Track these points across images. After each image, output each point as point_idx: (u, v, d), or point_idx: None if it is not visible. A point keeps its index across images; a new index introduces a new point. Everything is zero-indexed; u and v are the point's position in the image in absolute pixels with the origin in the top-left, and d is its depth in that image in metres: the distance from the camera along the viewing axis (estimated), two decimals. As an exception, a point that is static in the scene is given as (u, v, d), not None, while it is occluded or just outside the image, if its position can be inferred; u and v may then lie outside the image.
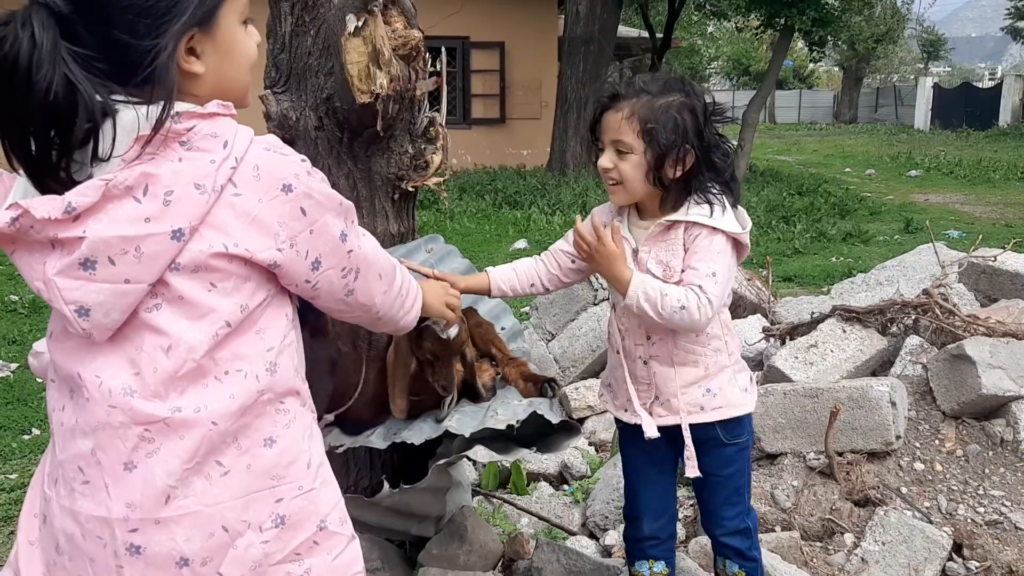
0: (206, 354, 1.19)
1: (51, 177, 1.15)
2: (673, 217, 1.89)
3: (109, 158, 1.14)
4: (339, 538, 1.33)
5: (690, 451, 1.96)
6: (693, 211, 1.88)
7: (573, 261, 2.09)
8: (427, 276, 1.95)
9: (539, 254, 2.16)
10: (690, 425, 1.96)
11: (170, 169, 1.15)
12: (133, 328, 1.19)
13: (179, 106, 1.17)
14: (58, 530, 1.25)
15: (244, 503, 1.23)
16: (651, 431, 1.97)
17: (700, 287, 1.82)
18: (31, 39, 1.10)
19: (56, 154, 1.14)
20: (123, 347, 1.19)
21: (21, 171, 1.17)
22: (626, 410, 2.05)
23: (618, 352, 2.05)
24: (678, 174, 1.88)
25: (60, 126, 1.13)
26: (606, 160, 1.92)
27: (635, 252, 1.95)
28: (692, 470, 1.96)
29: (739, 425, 2.02)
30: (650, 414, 2.00)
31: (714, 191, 1.89)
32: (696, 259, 1.86)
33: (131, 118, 1.14)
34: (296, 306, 1.36)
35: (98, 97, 1.13)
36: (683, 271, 1.87)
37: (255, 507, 1.24)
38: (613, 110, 1.90)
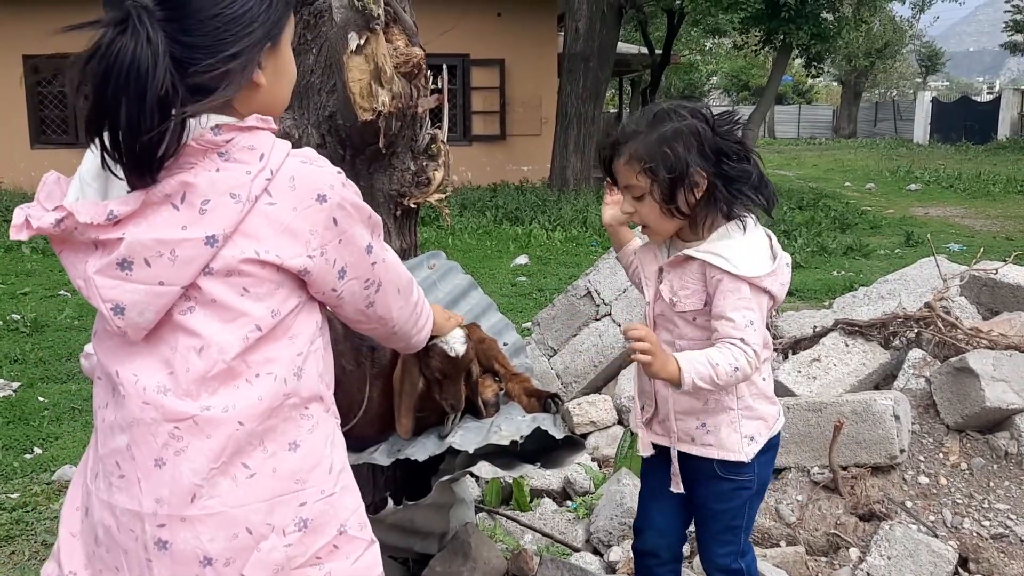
0: (237, 356, 1.23)
1: (150, 175, 1.19)
2: (688, 252, 1.87)
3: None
4: (358, 543, 1.36)
5: (675, 468, 1.98)
6: (710, 247, 1.85)
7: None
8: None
9: None
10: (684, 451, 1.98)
11: (207, 179, 1.20)
12: (168, 329, 1.23)
13: (219, 119, 1.22)
14: (97, 522, 1.29)
15: (269, 506, 1.26)
16: (645, 450, 2.03)
17: (742, 340, 1.79)
18: (148, 40, 1.15)
19: (152, 153, 1.18)
20: (158, 347, 1.24)
21: (118, 172, 1.20)
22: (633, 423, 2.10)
23: (635, 366, 2.02)
24: (693, 199, 1.84)
25: (163, 125, 1.17)
26: (626, 206, 1.93)
27: (660, 271, 1.95)
28: (676, 486, 1.98)
29: (740, 465, 1.95)
30: (649, 430, 2.03)
31: (739, 206, 1.85)
32: (728, 308, 1.81)
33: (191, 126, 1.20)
34: (325, 315, 1.39)
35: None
36: (716, 318, 1.83)
37: (280, 510, 1.26)
38: (617, 158, 1.91)
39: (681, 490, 1.98)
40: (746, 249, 1.84)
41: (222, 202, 1.19)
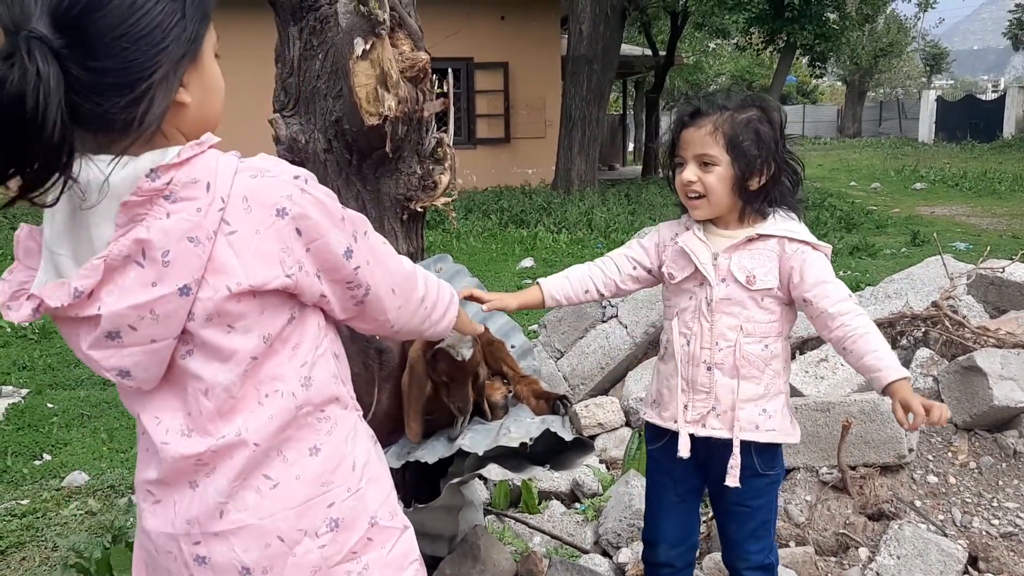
0: (242, 387, 1.23)
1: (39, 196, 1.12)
2: (761, 230, 1.93)
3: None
4: (391, 531, 1.37)
5: (736, 460, 1.94)
6: (782, 226, 1.93)
7: (634, 268, 2.12)
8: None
9: (593, 260, 2.18)
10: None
11: (159, 229, 1.13)
12: (176, 374, 1.24)
13: (150, 158, 1.14)
14: (141, 545, 1.34)
15: (298, 513, 1.27)
16: (685, 451, 1.98)
17: (849, 296, 1.90)
18: (37, 75, 1.05)
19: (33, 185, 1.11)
20: (173, 390, 1.25)
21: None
22: (675, 422, 2.03)
23: (680, 360, 2.01)
24: (759, 185, 1.92)
25: (54, 167, 1.09)
26: (689, 174, 1.93)
27: (715, 257, 1.96)
28: (733, 480, 1.95)
29: (775, 457, 2.01)
30: (703, 426, 1.98)
31: (794, 203, 1.97)
32: (825, 275, 1.91)
33: (127, 174, 1.13)
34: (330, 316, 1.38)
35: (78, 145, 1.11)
36: (812, 287, 1.90)
37: (309, 515, 1.28)
38: (695, 126, 1.93)
39: (737, 484, 1.95)
40: (805, 228, 1.95)
41: (182, 249, 1.13)
